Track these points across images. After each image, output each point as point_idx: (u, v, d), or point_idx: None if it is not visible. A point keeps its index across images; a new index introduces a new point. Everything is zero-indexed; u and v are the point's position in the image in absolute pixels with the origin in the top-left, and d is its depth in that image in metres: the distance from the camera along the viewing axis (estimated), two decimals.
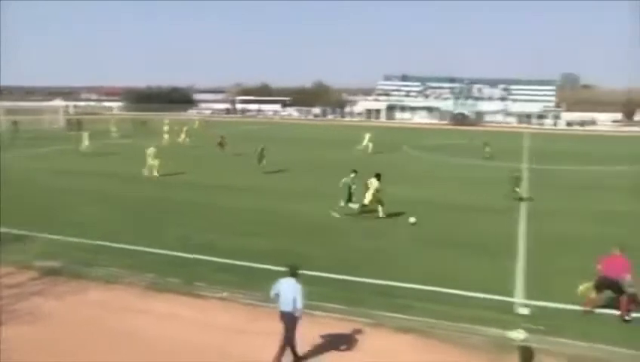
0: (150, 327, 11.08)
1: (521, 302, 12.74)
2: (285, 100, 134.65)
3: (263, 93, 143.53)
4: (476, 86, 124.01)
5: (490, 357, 9.90)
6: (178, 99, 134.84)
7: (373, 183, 21.21)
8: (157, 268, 14.54)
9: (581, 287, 12.35)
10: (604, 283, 12.02)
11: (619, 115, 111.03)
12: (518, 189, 25.45)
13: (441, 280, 13.89)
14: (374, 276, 14.12)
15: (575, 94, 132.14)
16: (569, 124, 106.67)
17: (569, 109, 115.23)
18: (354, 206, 21.29)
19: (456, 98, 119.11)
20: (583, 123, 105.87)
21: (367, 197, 21.06)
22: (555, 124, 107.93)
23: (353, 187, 21.47)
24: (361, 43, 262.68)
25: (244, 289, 12.99)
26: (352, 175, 21.86)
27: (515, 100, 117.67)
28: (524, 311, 12.21)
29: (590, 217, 22.16)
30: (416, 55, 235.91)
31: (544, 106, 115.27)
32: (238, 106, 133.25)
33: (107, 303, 12.28)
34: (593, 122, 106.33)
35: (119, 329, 10.96)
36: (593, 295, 12.13)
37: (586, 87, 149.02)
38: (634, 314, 11.78)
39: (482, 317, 11.65)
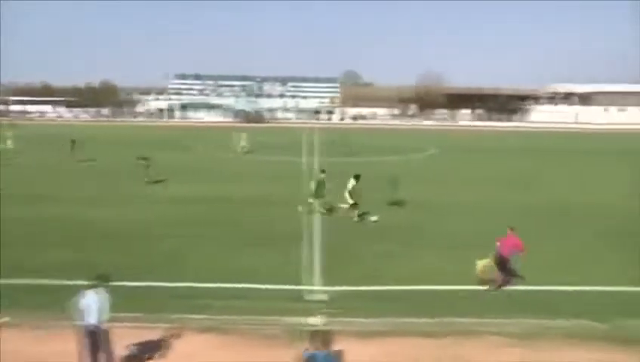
0: None
1: (318, 289, 13.40)
2: (68, 100, 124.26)
3: (43, 92, 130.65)
4: (265, 84, 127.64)
5: (289, 345, 10.27)
6: None
7: (352, 183, 21.03)
8: None
9: (479, 266, 13.65)
10: (500, 260, 13.45)
11: (395, 110, 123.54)
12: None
13: (242, 276, 14.05)
14: (173, 279, 13.79)
15: (356, 91, 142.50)
16: (350, 118, 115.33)
17: (350, 105, 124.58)
18: (343, 205, 21.20)
19: (247, 96, 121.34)
20: (364, 117, 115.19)
21: (349, 198, 20.89)
22: (333, 119, 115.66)
23: (313, 185, 22.09)
24: (151, 41, 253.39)
25: (31, 310, 11.70)
26: (322, 175, 22.40)
27: (296, 97, 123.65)
28: (321, 296, 12.89)
29: (381, 205, 24.07)
30: (207, 54, 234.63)
31: (328, 102, 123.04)
32: (10, 107, 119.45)
33: None
34: (373, 116, 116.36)
35: None
36: (497, 274, 13.47)
37: (366, 84, 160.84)
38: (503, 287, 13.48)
39: (282, 307, 12.03)
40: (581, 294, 13.39)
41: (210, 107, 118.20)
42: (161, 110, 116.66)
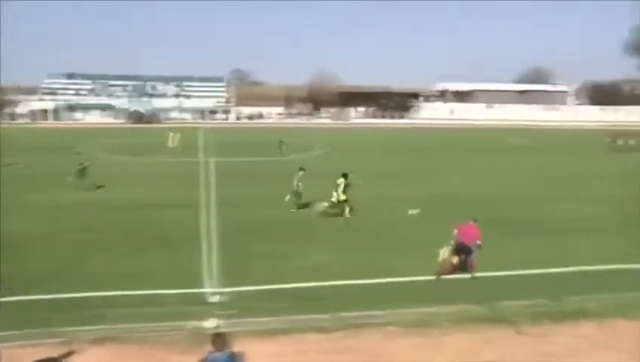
0: None
1: (213, 291, 13.31)
2: None
3: None
4: (150, 83, 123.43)
5: (187, 350, 10.14)
6: None
7: (341, 182, 21.02)
8: None
9: (441, 256, 14.37)
10: (460, 248, 14.19)
11: (287, 109, 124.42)
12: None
13: (137, 282, 13.67)
14: (67, 290, 13.09)
15: (245, 90, 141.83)
16: (240, 118, 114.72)
17: (240, 104, 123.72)
18: (322, 204, 21.58)
19: (131, 96, 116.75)
20: (252, 116, 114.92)
21: (336, 196, 21.20)
22: (227, 119, 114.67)
23: (300, 184, 22.62)
24: (19, 39, 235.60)
25: None
26: (301, 173, 22.79)
27: (189, 97, 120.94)
28: (217, 298, 12.82)
29: (270, 203, 24.21)
30: (82, 52, 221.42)
31: (217, 101, 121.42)
32: None
33: None
34: (261, 115, 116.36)
35: None
36: (455, 260, 14.23)
37: (254, 83, 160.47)
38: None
39: (178, 312, 11.86)
40: (461, 280, 14.32)
41: (89, 107, 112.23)
42: (33, 111, 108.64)
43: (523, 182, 32.40)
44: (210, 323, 11.35)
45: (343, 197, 21.42)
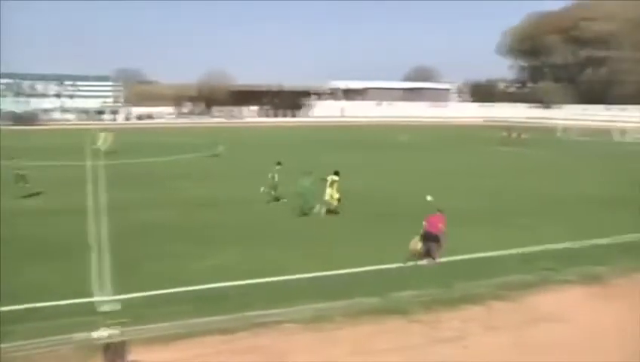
0: None
1: (104, 299, 12.73)
2: None
3: None
4: (27, 82, 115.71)
5: None
6: None
7: (334, 180, 21.44)
8: None
9: (412, 242, 15.50)
10: (427, 236, 15.39)
11: (183, 108, 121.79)
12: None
13: (26, 295, 12.75)
14: None
15: (134, 89, 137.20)
16: (137, 117, 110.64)
17: (129, 104, 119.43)
18: (317, 206, 21.46)
19: (6, 95, 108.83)
20: (142, 117, 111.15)
21: (328, 194, 21.37)
22: (115, 119, 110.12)
23: (276, 177, 23.37)
24: None
25: None
26: (277, 167, 23.50)
27: (72, 97, 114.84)
28: (109, 307, 12.26)
29: (162, 204, 23.64)
30: None
31: (104, 102, 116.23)
32: None
33: None
34: (151, 116, 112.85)
35: None
36: (419, 246, 15.44)
37: (144, 82, 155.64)
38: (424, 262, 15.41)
39: (68, 324, 11.15)
40: (353, 275, 14.64)
41: None
42: None
43: (414, 178, 33.62)
44: (100, 333, 10.74)
45: (336, 195, 21.55)
